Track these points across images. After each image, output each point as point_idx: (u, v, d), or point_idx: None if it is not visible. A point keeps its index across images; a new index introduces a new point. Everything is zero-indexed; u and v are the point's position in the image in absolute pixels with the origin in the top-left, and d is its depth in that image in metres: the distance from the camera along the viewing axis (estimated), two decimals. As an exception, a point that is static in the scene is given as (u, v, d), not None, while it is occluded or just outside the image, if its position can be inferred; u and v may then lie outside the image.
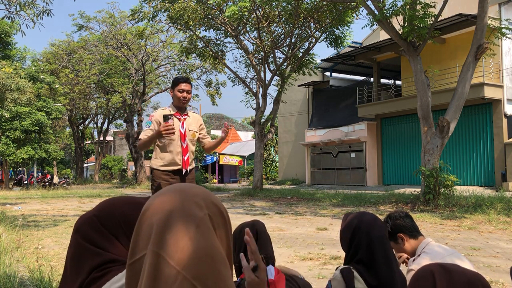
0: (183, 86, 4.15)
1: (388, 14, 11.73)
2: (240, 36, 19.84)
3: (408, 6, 11.52)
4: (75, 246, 1.19)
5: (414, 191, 13.43)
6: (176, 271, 0.74)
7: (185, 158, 4.23)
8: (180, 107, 4.23)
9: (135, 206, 1.24)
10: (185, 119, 4.25)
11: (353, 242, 2.07)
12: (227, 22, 18.31)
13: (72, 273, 1.16)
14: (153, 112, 4.35)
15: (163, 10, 17.92)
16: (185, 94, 4.16)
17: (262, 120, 20.56)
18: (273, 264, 2.08)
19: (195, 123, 4.33)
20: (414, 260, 2.33)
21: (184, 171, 4.24)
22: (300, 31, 19.53)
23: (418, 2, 11.65)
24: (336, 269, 2.12)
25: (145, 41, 26.98)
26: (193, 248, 0.75)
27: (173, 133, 4.00)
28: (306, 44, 19.94)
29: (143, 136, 4.17)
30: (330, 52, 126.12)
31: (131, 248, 0.82)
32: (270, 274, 1.98)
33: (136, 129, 30.32)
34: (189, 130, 4.26)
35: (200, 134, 4.40)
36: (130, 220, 1.21)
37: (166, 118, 3.97)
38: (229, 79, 31.72)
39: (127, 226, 1.20)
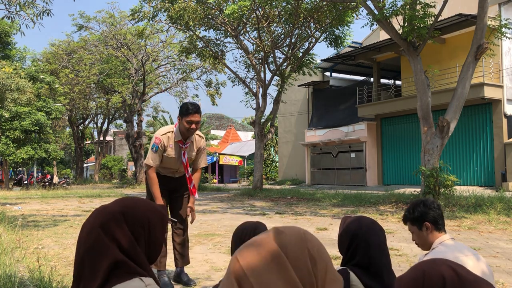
0: (192, 117, 3.86)
1: (388, 14, 11.73)
2: (240, 36, 19.83)
3: (408, 6, 11.52)
4: (95, 240, 1.17)
5: (414, 191, 13.43)
6: None
7: (191, 187, 4.17)
8: (186, 136, 4.04)
9: (157, 214, 1.25)
10: (186, 147, 4.07)
11: (351, 246, 2.04)
12: (227, 22, 18.30)
13: (89, 267, 1.15)
14: (157, 133, 4.06)
15: (163, 10, 17.90)
16: (193, 125, 3.89)
17: (262, 120, 20.54)
18: None
19: (194, 147, 4.18)
20: (425, 255, 2.33)
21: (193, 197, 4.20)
22: (300, 31, 19.52)
23: (418, 2, 11.65)
24: None
25: (145, 41, 26.92)
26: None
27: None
28: (306, 44, 19.93)
29: (150, 162, 3.99)
30: (330, 52, 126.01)
31: None
32: None
33: (136, 129, 30.29)
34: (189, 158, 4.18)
35: (194, 156, 4.26)
36: (152, 226, 1.22)
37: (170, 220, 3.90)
38: (229, 79, 31.68)
39: (147, 231, 1.21)
